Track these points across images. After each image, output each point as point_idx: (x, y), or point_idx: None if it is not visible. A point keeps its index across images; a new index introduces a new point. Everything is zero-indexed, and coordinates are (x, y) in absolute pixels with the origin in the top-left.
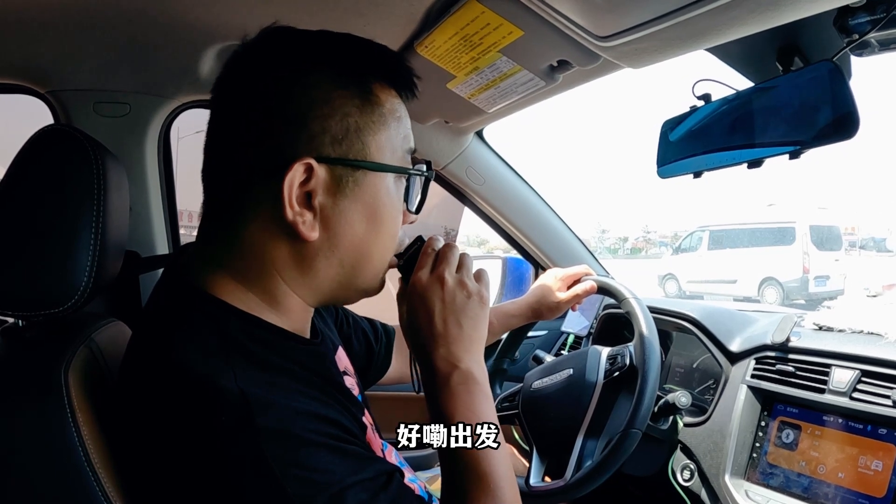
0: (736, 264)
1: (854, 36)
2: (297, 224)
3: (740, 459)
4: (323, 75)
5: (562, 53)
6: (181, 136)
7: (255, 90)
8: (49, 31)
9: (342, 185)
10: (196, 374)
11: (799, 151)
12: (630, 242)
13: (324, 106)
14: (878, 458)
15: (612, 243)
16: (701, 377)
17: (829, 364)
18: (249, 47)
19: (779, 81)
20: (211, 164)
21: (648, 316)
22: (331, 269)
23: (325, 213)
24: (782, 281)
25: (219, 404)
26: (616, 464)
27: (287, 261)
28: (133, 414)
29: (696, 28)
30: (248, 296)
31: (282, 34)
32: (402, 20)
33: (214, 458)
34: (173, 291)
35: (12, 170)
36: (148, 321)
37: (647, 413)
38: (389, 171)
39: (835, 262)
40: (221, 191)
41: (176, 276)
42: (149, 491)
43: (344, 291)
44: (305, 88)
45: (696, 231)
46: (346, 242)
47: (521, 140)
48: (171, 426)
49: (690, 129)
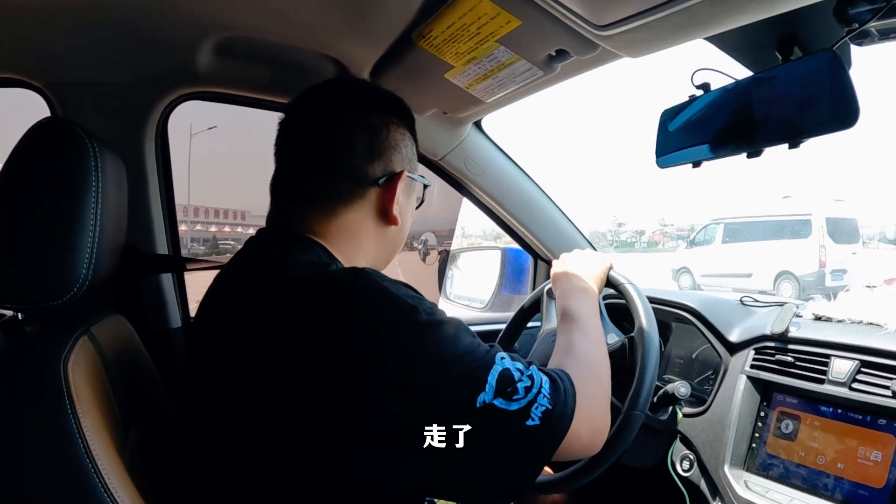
0: (751, 258)
1: (854, 25)
2: (395, 214)
3: (739, 450)
4: (398, 118)
5: (560, 43)
6: (194, 132)
7: (363, 123)
8: (45, 24)
9: (408, 190)
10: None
11: (798, 141)
12: (647, 236)
13: (404, 138)
14: (877, 449)
15: (628, 236)
16: (700, 368)
17: (829, 354)
18: (336, 86)
19: (778, 71)
20: (312, 167)
21: (645, 299)
22: (392, 245)
23: (402, 208)
24: (798, 275)
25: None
26: (619, 448)
27: (371, 239)
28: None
29: (695, 17)
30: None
31: (361, 83)
32: (399, 10)
33: None
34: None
35: (10, 162)
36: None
37: (648, 395)
38: (421, 181)
39: (852, 256)
40: (326, 187)
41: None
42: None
43: (383, 264)
44: (395, 125)
45: (710, 224)
46: (404, 227)
47: (533, 132)
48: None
49: (689, 119)
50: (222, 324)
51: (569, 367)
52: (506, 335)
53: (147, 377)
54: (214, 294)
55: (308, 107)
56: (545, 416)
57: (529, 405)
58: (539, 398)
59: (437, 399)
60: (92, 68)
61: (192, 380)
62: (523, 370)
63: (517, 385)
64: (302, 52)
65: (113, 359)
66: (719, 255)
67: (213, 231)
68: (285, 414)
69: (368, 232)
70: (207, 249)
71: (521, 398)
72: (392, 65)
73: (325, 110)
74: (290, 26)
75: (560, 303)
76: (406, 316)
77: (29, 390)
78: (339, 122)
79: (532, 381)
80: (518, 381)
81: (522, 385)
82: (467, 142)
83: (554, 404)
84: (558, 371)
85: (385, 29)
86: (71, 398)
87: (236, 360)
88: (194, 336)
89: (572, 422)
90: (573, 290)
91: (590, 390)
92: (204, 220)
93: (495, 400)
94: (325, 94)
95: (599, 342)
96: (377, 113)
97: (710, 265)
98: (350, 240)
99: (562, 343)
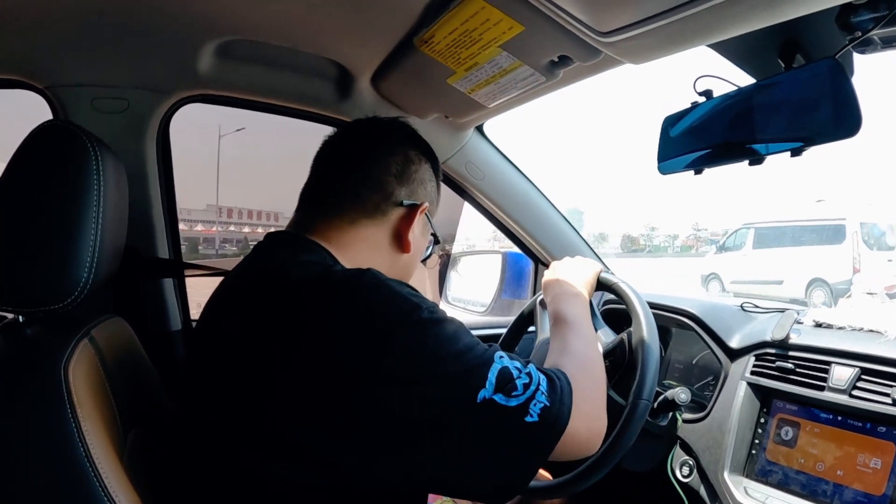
0: (782, 264)
1: (857, 33)
2: (410, 240)
3: (739, 456)
4: (431, 163)
5: (562, 49)
6: (222, 133)
7: (401, 153)
8: (47, 26)
9: (424, 228)
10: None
11: (801, 149)
12: (680, 240)
13: (431, 180)
14: (876, 457)
15: (661, 241)
16: (700, 373)
17: (829, 361)
18: (381, 122)
19: (780, 78)
20: (346, 176)
21: (640, 296)
22: (400, 272)
23: (416, 239)
24: (831, 282)
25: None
26: (627, 442)
27: (383, 258)
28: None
29: (698, 24)
30: None
31: (404, 125)
32: (401, 15)
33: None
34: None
35: (12, 165)
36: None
37: (652, 384)
38: (432, 228)
39: (888, 263)
40: (354, 195)
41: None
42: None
43: None
44: (425, 164)
45: (740, 229)
46: (414, 258)
47: (559, 135)
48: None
49: (691, 125)
50: (226, 325)
51: (565, 366)
52: (506, 341)
53: (147, 380)
54: (220, 296)
55: (354, 129)
56: (543, 412)
57: (528, 402)
58: (537, 395)
59: (438, 393)
60: (94, 70)
61: (193, 381)
62: (521, 368)
63: (516, 382)
64: (304, 56)
65: (113, 362)
66: (749, 261)
67: (245, 232)
68: (286, 406)
69: (382, 250)
70: (239, 250)
71: (519, 394)
72: (394, 69)
73: (368, 134)
74: (293, 30)
75: (552, 307)
76: (408, 312)
77: (29, 393)
78: (380, 144)
79: (530, 379)
80: (517, 378)
81: (521, 382)
82: (469, 146)
83: (552, 402)
84: (555, 370)
85: (387, 33)
86: (71, 401)
87: (239, 357)
88: (197, 338)
89: (570, 420)
90: (564, 294)
91: (586, 389)
92: (237, 220)
93: (495, 395)
94: (371, 123)
95: (593, 342)
96: (414, 150)
97: (740, 271)
98: (364, 251)
99: (556, 345)
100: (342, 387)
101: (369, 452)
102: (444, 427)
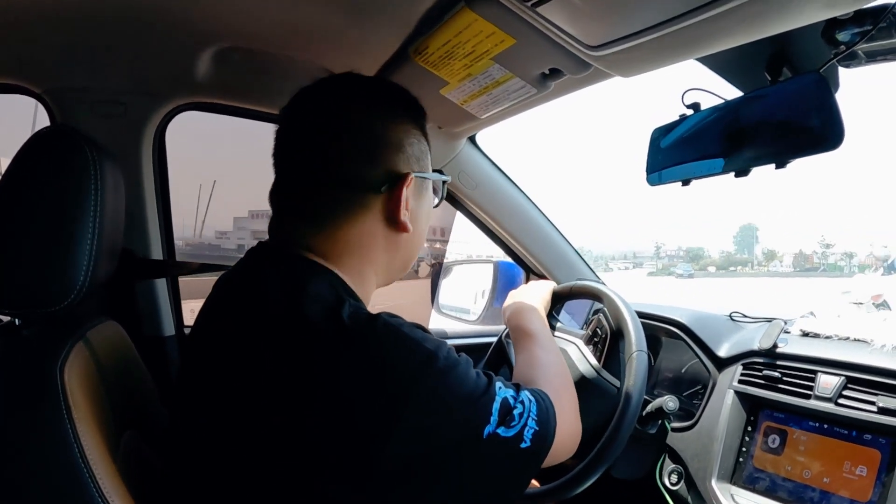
0: None
1: (842, 47)
2: (404, 220)
3: (727, 464)
4: (402, 113)
5: (553, 62)
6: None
7: (358, 124)
8: (44, 30)
9: (419, 192)
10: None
11: (784, 161)
12: (858, 259)
13: (408, 135)
14: (862, 464)
15: (836, 259)
16: (689, 382)
17: (816, 370)
18: (329, 86)
19: (767, 91)
20: (309, 178)
21: (603, 282)
22: (406, 253)
23: (413, 213)
24: None
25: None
26: (639, 396)
27: (381, 251)
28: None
29: (686, 38)
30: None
31: (358, 79)
32: (396, 25)
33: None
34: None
35: (12, 169)
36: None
37: (642, 335)
38: (434, 178)
39: None
40: (325, 198)
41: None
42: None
43: (399, 273)
44: (396, 123)
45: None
46: (417, 232)
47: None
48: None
49: (680, 137)
50: (225, 347)
51: (540, 382)
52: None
53: (141, 383)
54: (215, 307)
55: (299, 112)
56: (534, 437)
57: (522, 429)
58: (529, 422)
59: (450, 435)
60: (92, 75)
61: (187, 396)
62: (515, 396)
63: (514, 412)
64: (300, 64)
65: (107, 364)
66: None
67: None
68: (292, 455)
69: (377, 244)
70: None
71: (516, 424)
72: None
73: (315, 114)
74: (289, 38)
75: (511, 324)
76: (425, 363)
77: (26, 395)
78: (330, 126)
79: (523, 406)
80: (514, 407)
81: (517, 412)
82: (461, 156)
83: (540, 425)
84: (538, 392)
85: (383, 43)
86: (67, 403)
87: (242, 393)
88: (191, 346)
89: (555, 437)
90: (520, 310)
91: (563, 403)
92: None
93: (498, 429)
94: (316, 96)
95: (555, 349)
96: (374, 110)
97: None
98: (359, 255)
99: (523, 358)
100: (356, 445)
101: (378, 493)
102: (454, 464)
